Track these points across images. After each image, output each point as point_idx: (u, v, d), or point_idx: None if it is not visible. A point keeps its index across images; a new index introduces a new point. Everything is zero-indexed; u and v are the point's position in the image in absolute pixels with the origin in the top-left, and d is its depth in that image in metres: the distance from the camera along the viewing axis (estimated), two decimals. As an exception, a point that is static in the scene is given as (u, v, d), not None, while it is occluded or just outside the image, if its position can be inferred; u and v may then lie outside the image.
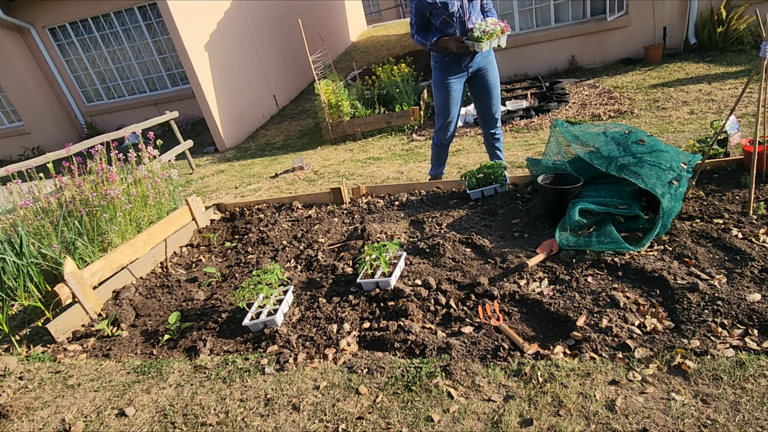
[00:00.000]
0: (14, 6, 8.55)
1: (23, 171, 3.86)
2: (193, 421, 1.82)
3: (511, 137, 5.12)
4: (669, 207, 2.22)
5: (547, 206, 2.70)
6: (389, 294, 2.29)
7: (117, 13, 8.67)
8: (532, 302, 2.09)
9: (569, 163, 2.84)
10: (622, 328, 1.83)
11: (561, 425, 1.49)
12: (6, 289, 2.99)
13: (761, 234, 2.19)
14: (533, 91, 6.48)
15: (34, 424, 1.98)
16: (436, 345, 1.93)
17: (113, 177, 3.59)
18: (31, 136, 9.59)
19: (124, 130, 5.10)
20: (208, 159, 7.24)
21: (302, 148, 6.62)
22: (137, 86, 9.44)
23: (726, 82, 5.25)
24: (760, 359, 1.58)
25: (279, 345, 2.16)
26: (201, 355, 2.21)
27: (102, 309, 2.80)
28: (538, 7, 7.24)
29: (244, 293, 2.36)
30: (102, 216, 3.46)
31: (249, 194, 4.96)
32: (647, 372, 1.63)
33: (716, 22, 6.35)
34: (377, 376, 1.85)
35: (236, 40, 8.10)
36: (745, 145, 2.74)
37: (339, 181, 4.71)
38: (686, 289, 1.94)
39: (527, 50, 7.39)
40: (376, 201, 3.51)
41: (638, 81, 6.07)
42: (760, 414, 1.41)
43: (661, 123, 4.48)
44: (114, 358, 2.35)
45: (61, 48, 9.18)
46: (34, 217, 3.45)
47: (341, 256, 2.82)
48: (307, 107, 9.11)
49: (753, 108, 4.21)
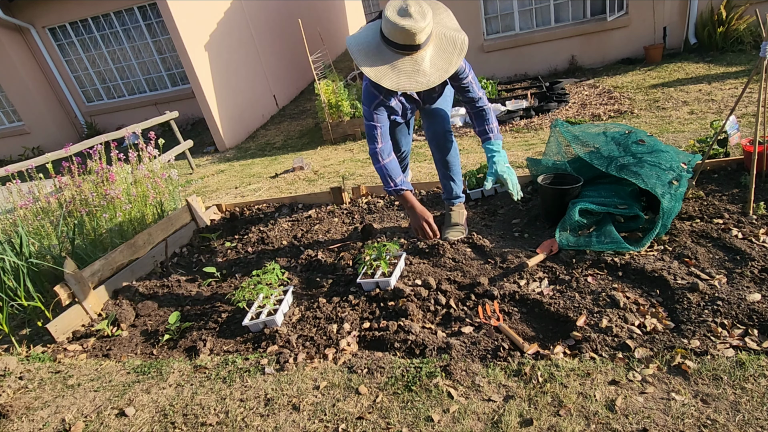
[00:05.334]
0: (14, 6, 8.55)
1: (23, 171, 3.86)
2: (193, 421, 1.82)
3: (511, 137, 5.12)
4: (669, 207, 2.22)
5: (547, 206, 2.70)
6: (389, 294, 2.29)
7: (117, 13, 8.67)
8: (532, 302, 2.09)
9: (569, 163, 2.84)
10: (622, 328, 1.83)
11: (561, 425, 1.49)
12: (6, 289, 2.99)
13: (761, 234, 2.19)
14: (533, 91, 6.48)
15: (34, 424, 1.98)
16: (436, 345, 1.93)
17: (113, 177, 3.59)
18: (31, 136, 9.59)
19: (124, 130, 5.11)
20: (208, 159, 7.24)
21: (302, 148, 6.62)
22: (137, 86, 9.44)
23: (726, 82, 5.25)
24: (760, 359, 1.58)
25: (279, 345, 2.16)
26: (201, 355, 2.21)
27: (102, 309, 2.80)
28: (538, 7, 7.24)
29: (244, 293, 2.36)
30: (102, 216, 3.46)
31: (249, 194, 4.96)
32: (647, 372, 1.63)
33: (716, 22, 6.35)
34: (377, 376, 1.85)
35: (236, 40, 8.10)
36: (745, 145, 2.74)
37: (339, 181, 4.71)
38: (686, 289, 1.94)
39: (527, 50, 7.39)
40: (376, 201, 3.51)
41: (638, 81, 6.07)
42: (760, 414, 1.41)
43: (661, 123, 4.48)
44: (114, 358, 2.35)
45: (61, 48, 9.18)
46: (34, 217, 3.45)
47: (341, 256, 2.82)
48: (307, 107, 9.11)
49: (753, 108, 4.21)
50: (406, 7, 2.03)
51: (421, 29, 2.03)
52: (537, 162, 3.02)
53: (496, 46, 7.43)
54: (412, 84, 2.10)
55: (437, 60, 2.14)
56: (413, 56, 2.11)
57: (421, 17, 2.02)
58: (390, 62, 2.11)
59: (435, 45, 2.16)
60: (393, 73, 2.10)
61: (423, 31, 2.04)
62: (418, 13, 2.02)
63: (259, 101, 8.72)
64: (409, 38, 2.04)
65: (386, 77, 2.10)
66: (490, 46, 7.43)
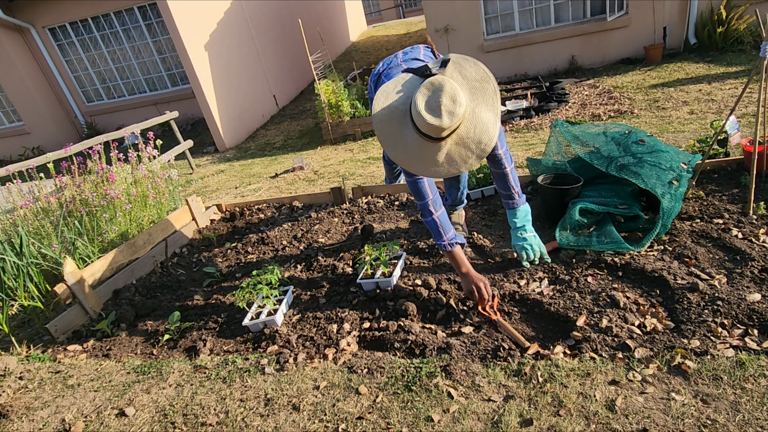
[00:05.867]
0: (14, 6, 8.55)
1: (23, 171, 3.86)
2: (193, 421, 1.82)
3: (511, 137, 5.12)
4: (669, 207, 2.22)
5: (547, 206, 2.70)
6: (389, 294, 2.29)
7: (117, 13, 8.67)
8: (532, 302, 2.09)
9: (569, 163, 2.84)
10: (622, 328, 1.83)
11: (561, 425, 1.49)
12: (6, 289, 2.99)
13: (761, 234, 2.19)
14: (533, 91, 6.48)
15: (34, 424, 1.98)
16: (436, 345, 1.93)
17: (113, 177, 3.59)
18: (31, 136, 9.59)
19: (124, 130, 5.10)
20: (208, 159, 7.24)
21: (302, 148, 6.62)
22: (137, 86, 9.44)
23: (726, 82, 5.25)
24: (760, 359, 1.58)
25: (279, 345, 2.16)
26: (201, 355, 2.21)
27: (102, 309, 2.80)
28: (538, 7, 7.24)
29: (244, 293, 2.36)
30: (102, 216, 3.46)
31: (249, 194, 4.96)
32: (647, 372, 1.63)
33: (716, 22, 6.35)
34: (377, 376, 1.85)
35: (236, 40, 8.10)
36: (745, 145, 2.74)
37: (339, 181, 4.71)
38: (686, 289, 1.94)
39: (527, 50, 7.39)
40: (376, 201, 3.51)
41: (638, 81, 6.06)
42: (760, 414, 1.41)
43: (661, 123, 4.48)
44: (114, 358, 2.35)
45: (61, 48, 9.18)
46: (34, 217, 3.45)
47: (341, 256, 2.82)
48: (307, 107, 9.11)
49: (753, 108, 4.21)
50: (437, 103, 1.73)
51: (450, 127, 1.75)
52: (537, 162, 3.02)
53: (496, 46, 7.43)
54: (439, 173, 1.87)
55: (464, 152, 1.84)
56: (433, 143, 1.82)
57: (449, 117, 1.73)
58: (415, 147, 1.85)
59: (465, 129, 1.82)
60: (418, 161, 1.87)
61: (450, 128, 1.76)
62: (447, 112, 1.72)
63: (259, 101, 8.72)
64: (436, 133, 1.76)
65: (413, 166, 1.90)
66: (490, 46, 7.43)
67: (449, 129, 1.76)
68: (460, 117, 1.76)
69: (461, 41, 7.42)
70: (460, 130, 1.81)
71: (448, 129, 1.76)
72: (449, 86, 1.75)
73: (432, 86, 1.76)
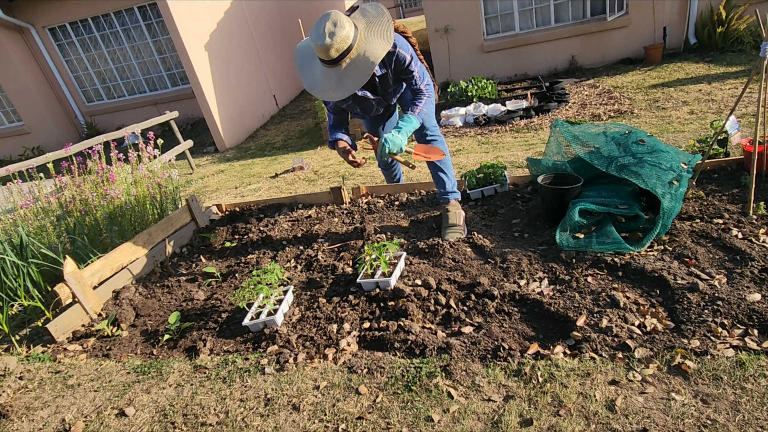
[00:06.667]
0: (14, 6, 8.55)
1: (23, 171, 3.86)
2: (193, 421, 1.82)
3: (511, 137, 5.12)
4: (669, 207, 2.22)
5: (547, 206, 2.70)
6: (389, 294, 2.29)
7: (117, 13, 8.67)
8: (532, 302, 2.09)
9: (569, 163, 2.84)
10: (622, 328, 1.83)
11: (561, 425, 1.49)
12: (6, 289, 2.99)
13: (761, 234, 2.19)
14: (533, 91, 6.49)
15: (34, 424, 1.98)
16: (436, 345, 1.93)
17: (113, 177, 3.59)
18: (31, 136, 9.59)
19: (124, 130, 5.11)
20: (208, 159, 7.24)
21: (302, 148, 6.62)
22: (137, 86, 9.44)
23: (726, 82, 5.25)
24: (760, 359, 1.58)
25: (279, 345, 2.16)
26: (201, 355, 2.21)
27: (102, 309, 2.79)
28: (538, 7, 7.25)
29: (244, 293, 2.36)
30: (102, 216, 3.46)
31: (249, 194, 4.96)
32: (647, 372, 1.63)
33: (716, 22, 6.35)
34: (377, 376, 1.85)
35: (236, 40, 8.10)
36: (745, 145, 2.74)
37: (339, 181, 4.71)
38: (686, 289, 1.94)
39: (527, 50, 7.40)
40: (376, 201, 3.51)
41: (638, 81, 6.07)
42: (760, 414, 1.41)
43: (661, 123, 4.48)
44: (114, 358, 2.35)
45: (61, 48, 9.18)
46: (34, 217, 3.45)
47: (341, 256, 2.82)
48: (307, 107, 9.12)
49: (753, 108, 4.21)
50: (322, 28, 2.14)
51: (333, 45, 2.14)
52: (537, 162, 3.02)
53: (496, 46, 7.43)
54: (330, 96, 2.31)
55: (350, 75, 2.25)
56: (333, 69, 2.25)
57: (330, 37, 2.13)
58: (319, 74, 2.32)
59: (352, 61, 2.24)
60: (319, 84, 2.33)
61: (335, 48, 2.15)
62: (328, 33, 2.13)
63: (259, 101, 8.72)
64: (325, 53, 2.18)
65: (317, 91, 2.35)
66: (490, 46, 7.44)
67: (335, 48, 2.13)
68: (342, 37, 2.12)
69: (461, 41, 7.42)
70: (353, 54, 2.20)
71: (334, 48, 2.13)
72: (333, 15, 2.12)
73: (322, 18, 2.15)
